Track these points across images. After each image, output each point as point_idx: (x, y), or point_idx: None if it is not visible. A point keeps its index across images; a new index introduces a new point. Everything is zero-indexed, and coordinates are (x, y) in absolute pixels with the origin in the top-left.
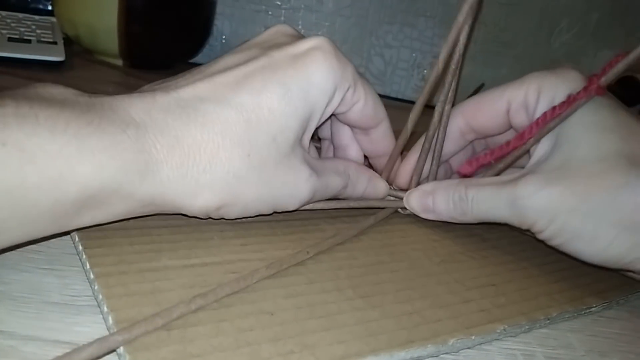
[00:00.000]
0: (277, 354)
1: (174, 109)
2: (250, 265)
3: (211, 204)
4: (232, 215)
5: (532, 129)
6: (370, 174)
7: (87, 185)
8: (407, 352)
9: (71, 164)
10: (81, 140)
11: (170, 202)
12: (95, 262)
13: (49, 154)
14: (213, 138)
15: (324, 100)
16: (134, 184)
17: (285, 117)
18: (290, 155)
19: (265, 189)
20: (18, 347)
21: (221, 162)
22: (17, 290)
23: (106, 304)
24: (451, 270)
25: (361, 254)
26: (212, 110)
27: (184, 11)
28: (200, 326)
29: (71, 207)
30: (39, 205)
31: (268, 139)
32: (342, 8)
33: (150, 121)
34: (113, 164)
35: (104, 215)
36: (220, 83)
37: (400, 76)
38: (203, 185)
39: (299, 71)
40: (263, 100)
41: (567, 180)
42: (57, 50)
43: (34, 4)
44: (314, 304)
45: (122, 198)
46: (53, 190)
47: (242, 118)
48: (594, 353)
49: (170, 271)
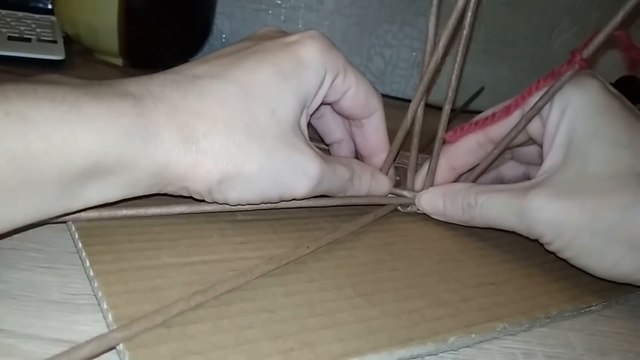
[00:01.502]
0: (277, 351)
1: (171, 84)
2: (250, 263)
3: (213, 173)
4: (233, 193)
5: (517, 102)
6: (372, 169)
7: (90, 151)
8: (407, 350)
9: (73, 130)
10: (80, 108)
11: (173, 171)
12: (94, 259)
13: (51, 121)
14: (211, 107)
15: (316, 81)
16: (137, 149)
17: (281, 92)
18: (292, 135)
19: (268, 162)
20: (18, 346)
21: (220, 129)
22: (16, 289)
23: (106, 301)
24: (451, 269)
25: (361, 253)
26: (209, 83)
27: (184, 10)
28: (200, 323)
29: (77, 175)
30: (45, 174)
31: (267, 111)
32: (342, 7)
33: (147, 93)
34: (113, 130)
35: (110, 189)
36: (215, 64)
37: (400, 75)
38: (204, 151)
39: (290, 54)
40: (258, 75)
41: (577, 196)
42: (57, 49)
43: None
44: (313, 302)
45: (127, 166)
46: (57, 158)
47: (239, 90)
48: (593, 352)
49: (170, 269)
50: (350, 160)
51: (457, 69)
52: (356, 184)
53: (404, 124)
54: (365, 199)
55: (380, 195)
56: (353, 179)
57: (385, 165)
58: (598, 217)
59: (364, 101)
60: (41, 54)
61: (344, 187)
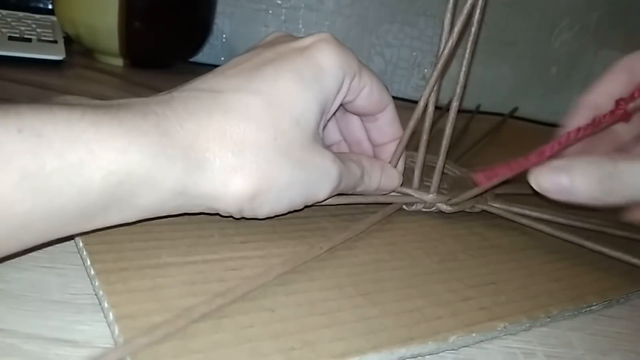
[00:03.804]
0: (278, 350)
1: (194, 102)
2: (251, 262)
3: (245, 191)
4: (265, 208)
5: (553, 147)
6: (382, 163)
7: (111, 171)
8: (407, 349)
9: (91, 149)
10: (99, 127)
11: (203, 191)
12: (95, 258)
13: (68, 139)
14: (237, 123)
15: (335, 86)
16: (162, 168)
17: (304, 100)
18: (314, 141)
19: (296, 172)
20: (19, 345)
21: (249, 146)
22: (18, 289)
23: (107, 300)
24: (451, 269)
25: (361, 252)
26: (232, 98)
27: (185, 10)
28: (201, 322)
29: (97, 197)
30: (62, 195)
31: (292, 122)
32: (343, 7)
33: (170, 112)
34: (135, 149)
35: (132, 210)
36: (234, 76)
37: (401, 75)
38: (234, 169)
39: (308, 60)
40: (280, 85)
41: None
42: (57, 49)
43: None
44: (314, 301)
45: (152, 187)
46: (75, 178)
47: (263, 102)
48: (594, 352)
49: (171, 268)
50: (359, 156)
51: (466, 65)
52: (366, 180)
53: (415, 112)
54: (372, 197)
55: (391, 189)
56: (364, 175)
57: (394, 158)
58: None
59: (378, 98)
60: (41, 54)
61: (356, 184)
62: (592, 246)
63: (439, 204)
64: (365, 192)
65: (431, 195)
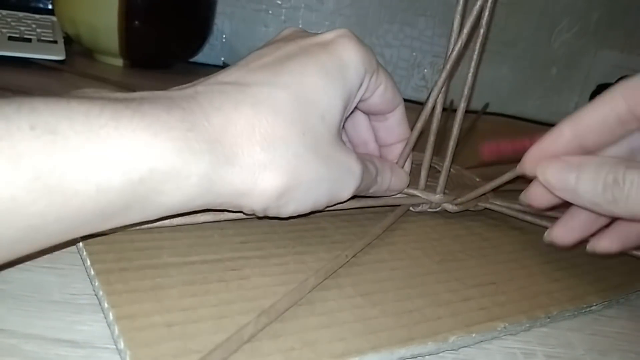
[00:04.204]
0: (278, 350)
1: (220, 95)
2: (251, 262)
3: (274, 187)
4: (290, 206)
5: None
6: (391, 164)
7: (132, 169)
8: (407, 349)
9: (111, 145)
10: (119, 122)
11: (230, 187)
12: (95, 259)
13: (84, 135)
14: (266, 117)
15: (357, 81)
16: (187, 164)
17: (329, 96)
18: (338, 137)
19: (324, 169)
20: (19, 346)
21: (278, 141)
22: (18, 289)
23: (107, 301)
24: (451, 269)
25: (361, 252)
26: (259, 91)
27: (184, 10)
28: (201, 322)
29: (118, 196)
30: (79, 194)
31: (318, 118)
32: (342, 7)
33: (196, 106)
34: (160, 144)
35: (155, 209)
36: (259, 69)
37: (401, 75)
38: (263, 164)
39: (332, 54)
40: (306, 79)
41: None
42: (57, 49)
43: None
44: (314, 302)
45: (177, 184)
46: (93, 176)
47: (290, 97)
48: (594, 352)
49: (171, 268)
50: (371, 156)
51: (474, 66)
52: (379, 181)
53: (423, 113)
54: (382, 200)
55: (399, 190)
56: (377, 175)
57: (401, 159)
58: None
59: (391, 96)
60: (42, 54)
61: (371, 184)
62: None
63: (444, 204)
64: (376, 194)
65: (438, 195)
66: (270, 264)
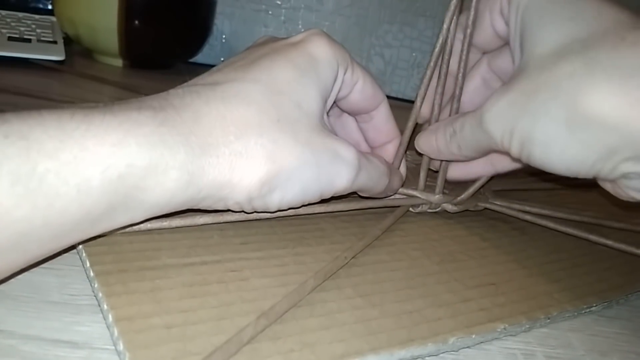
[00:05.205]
0: (277, 352)
1: (190, 94)
2: (250, 264)
3: (253, 175)
4: (275, 195)
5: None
6: (387, 164)
7: (109, 166)
8: (407, 350)
9: (84, 145)
10: (90, 123)
11: (210, 178)
12: (94, 260)
13: (58, 139)
14: (237, 108)
15: (331, 73)
16: (164, 158)
17: (303, 85)
18: (321, 126)
19: (306, 153)
20: (17, 347)
21: (251, 129)
22: (16, 290)
23: (106, 302)
24: (451, 270)
25: (361, 253)
26: (229, 87)
27: (184, 10)
28: (200, 324)
29: (99, 195)
30: (61, 196)
31: (293, 105)
32: (342, 7)
33: (167, 104)
34: (133, 140)
35: (140, 208)
36: (230, 71)
37: (400, 76)
38: (238, 152)
39: (302, 51)
40: (277, 73)
41: (520, 82)
42: (57, 50)
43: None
44: (313, 303)
45: (157, 179)
46: (72, 176)
47: (261, 88)
48: (594, 352)
49: (170, 269)
50: (375, 154)
51: (462, 67)
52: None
53: (413, 112)
54: (382, 201)
55: (397, 190)
56: (389, 173)
57: (396, 159)
58: (536, 97)
59: (371, 92)
60: (41, 55)
61: (379, 182)
62: (596, 239)
63: (444, 204)
64: (380, 193)
65: (437, 196)
66: (270, 265)
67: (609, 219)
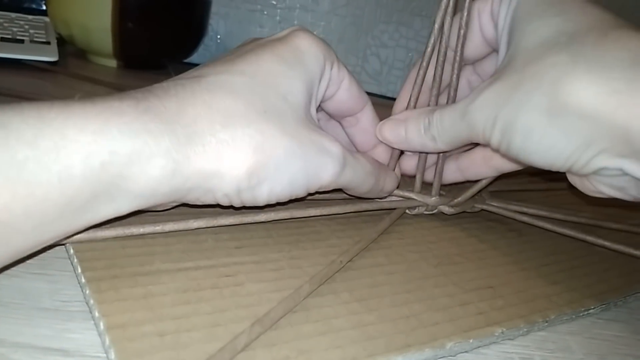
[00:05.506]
0: (272, 359)
1: (174, 86)
2: (245, 268)
3: (241, 165)
4: (264, 186)
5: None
6: (381, 163)
7: (91, 153)
8: (404, 356)
9: (64, 133)
10: (70, 113)
11: (196, 167)
12: (86, 266)
13: (37, 127)
14: (223, 99)
15: (317, 67)
16: (147, 145)
17: (288, 78)
18: (307, 118)
19: (293, 145)
20: (7, 355)
21: (238, 119)
22: (7, 296)
23: (97, 309)
24: (448, 273)
25: (357, 256)
26: (215, 79)
27: (179, 11)
28: (194, 332)
29: (82, 184)
30: (43, 184)
31: (279, 97)
32: (338, 7)
33: (150, 95)
34: (115, 127)
35: (125, 198)
36: (217, 64)
37: (397, 76)
38: (226, 142)
39: (288, 44)
40: (262, 65)
41: (506, 73)
42: (50, 51)
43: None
44: (309, 308)
45: (141, 167)
46: (53, 164)
47: (247, 80)
48: (592, 356)
49: (164, 275)
50: (364, 153)
51: (457, 68)
52: (381, 181)
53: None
54: (378, 204)
55: (391, 192)
56: (377, 173)
57: (392, 161)
58: (519, 87)
59: (357, 92)
60: (34, 56)
61: (366, 181)
62: (594, 240)
63: (441, 206)
64: (370, 194)
65: (434, 198)
66: (265, 269)
67: (607, 220)
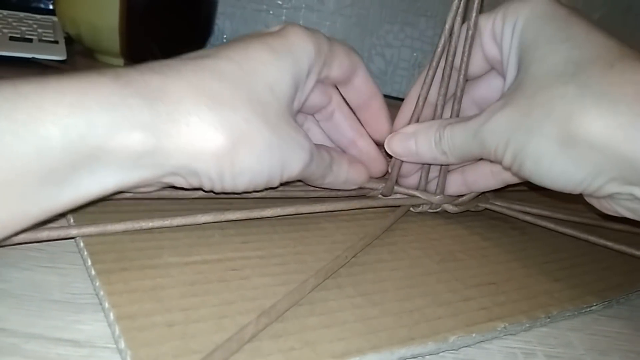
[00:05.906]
0: (278, 350)
1: (160, 66)
2: (251, 262)
3: (227, 149)
4: (246, 175)
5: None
6: (349, 157)
7: (68, 125)
8: (407, 349)
9: (40, 105)
10: (46, 86)
11: (178, 145)
12: (96, 259)
13: (11, 100)
14: (210, 82)
15: (307, 59)
16: (127, 118)
17: (276, 68)
18: (288, 113)
19: (274, 137)
20: (19, 345)
21: (225, 104)
22: (18, 288)
23: (107, 301)
24: (451, 269)
25: (361, 252)
26: (202, 62)
27: (186, 10)
28: (202, 322)
29: (62, 155)
30: (21, 156)
31: (265, 88)
32: (343, 7)
33: (134, 71)
34: (93, 99)
35: (107, 172)
36: (206, 50)
37: (402, 76)
38: (212, 124)
39: (278, 36)
40: (251, 53)
41: (517, 99)
42: (58, 50)
43: (35, 3)
44: (314, 302)
45: (121, 141)
46: (30, 136)
47: (235, 66)
48: (594, 352)
49: (172, 268)
50: (327, 147)
51: (464, 68)
52: (335, 170)
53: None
54: (383, 201)
55: (359, 183)
56: (332, 164)
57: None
58: (530, 114)
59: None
60: (43, 55)
61: (325, 172)
62: (595, 240)
63: (445, 204)
64: (334, 185)
65: (438, 196)
66: (270, 264)
67: (609, 220)
